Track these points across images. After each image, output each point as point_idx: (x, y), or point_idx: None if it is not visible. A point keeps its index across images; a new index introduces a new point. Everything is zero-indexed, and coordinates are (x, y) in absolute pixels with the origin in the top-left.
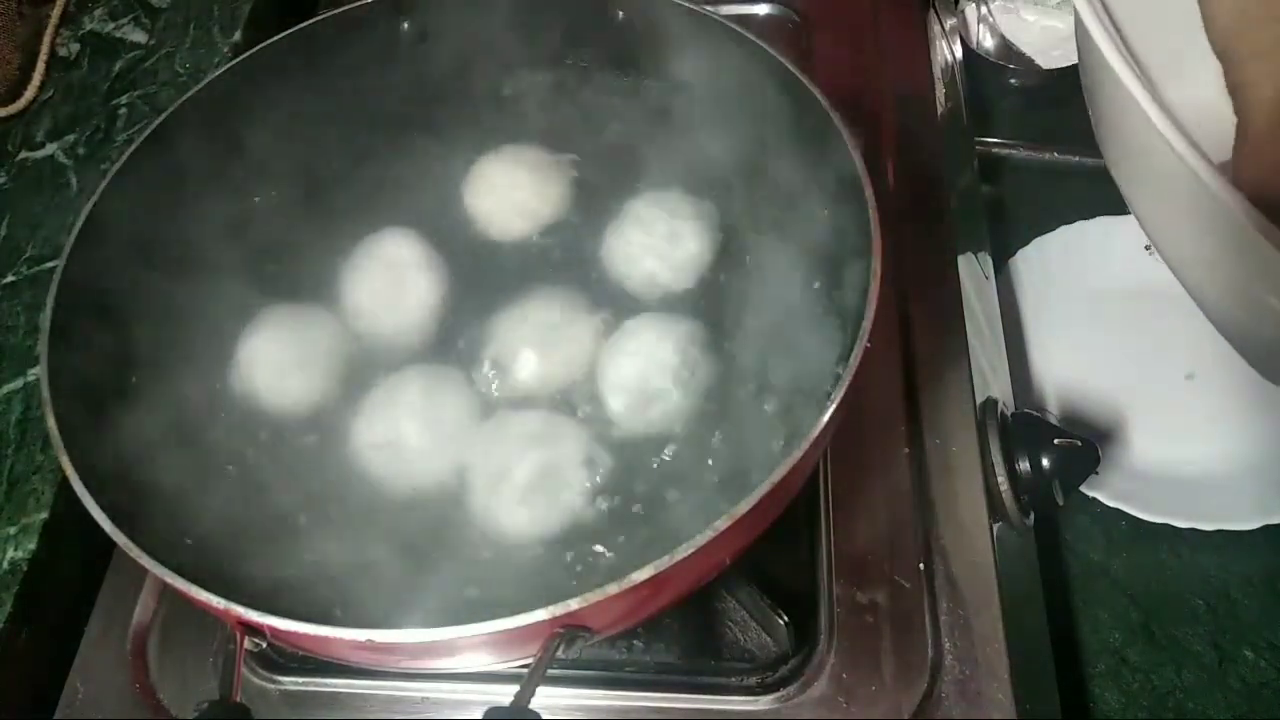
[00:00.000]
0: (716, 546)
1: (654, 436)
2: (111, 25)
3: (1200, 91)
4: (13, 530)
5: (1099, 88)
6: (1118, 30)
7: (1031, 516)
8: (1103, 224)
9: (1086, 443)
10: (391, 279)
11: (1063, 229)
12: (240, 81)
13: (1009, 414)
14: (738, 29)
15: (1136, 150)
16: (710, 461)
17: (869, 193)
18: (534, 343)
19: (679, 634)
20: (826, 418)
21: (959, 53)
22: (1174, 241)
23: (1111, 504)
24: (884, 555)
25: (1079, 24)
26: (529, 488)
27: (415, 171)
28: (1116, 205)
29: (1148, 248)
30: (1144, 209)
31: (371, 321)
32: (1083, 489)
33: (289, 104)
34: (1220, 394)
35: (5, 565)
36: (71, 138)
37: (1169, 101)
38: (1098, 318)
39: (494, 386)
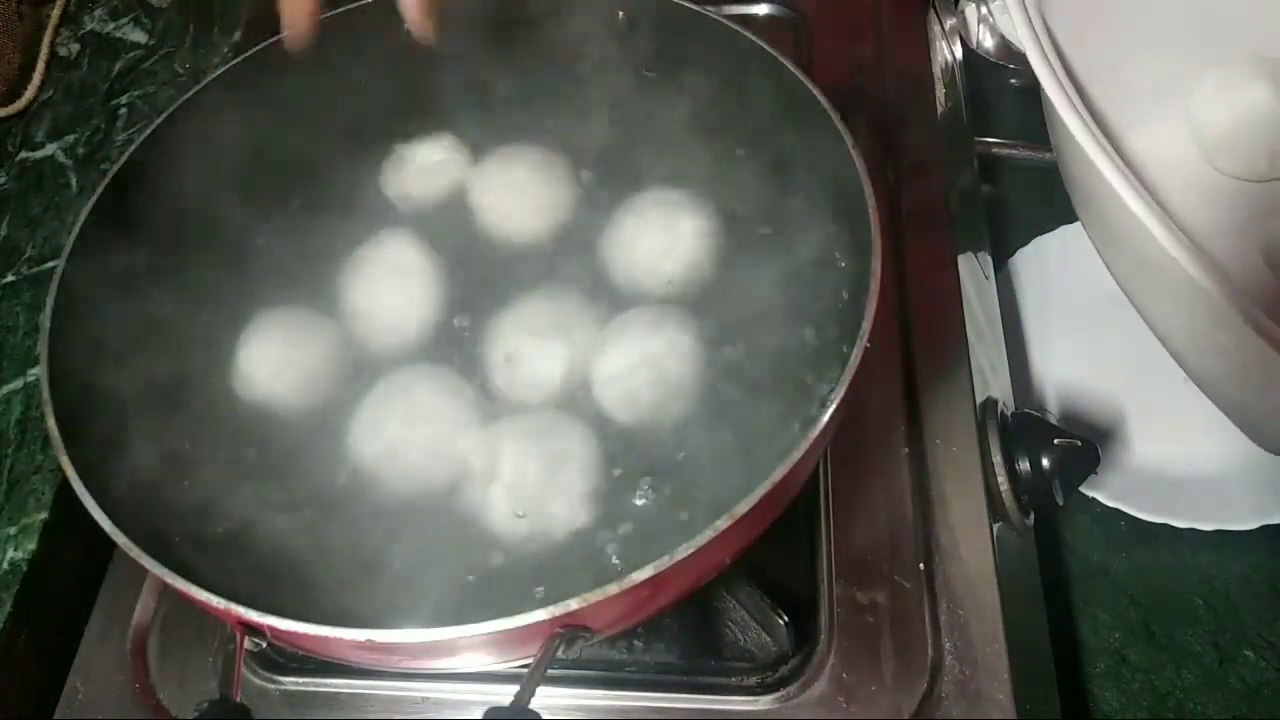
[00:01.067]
0: (716, 546)
1: (654, 435)
2: (111, 25)
3: (1165, 140)
4: (13, 530)
5: (1063, 143)
6: (1079, 89)
7: (1031, 516)
8: None
9: (1086, 442)
10: (392, 279)
11: (1062, 229)
12: (240, 82)
13: (1009, 414)
14: (738, 29)
15: (1103, 213)
16: (710, 460)
17: (869, 192)
18: (535, 342)
19: (679, 634)
20: (826, 417)
21: (959, 53)
22: (1133, 285)
23: (1110, 504)
24: (884, 555)
25: (1041, 86)
26: (529, 487)
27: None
28: None
29: None
30: (1110, 261)
31: (372, 322)
32: (1081, 489)
33: (289, 104)
34: None
35: (5, 565)
36: (71, 138)
37: (1133, 152)
38: (1096, 318)
39: (496, 386)
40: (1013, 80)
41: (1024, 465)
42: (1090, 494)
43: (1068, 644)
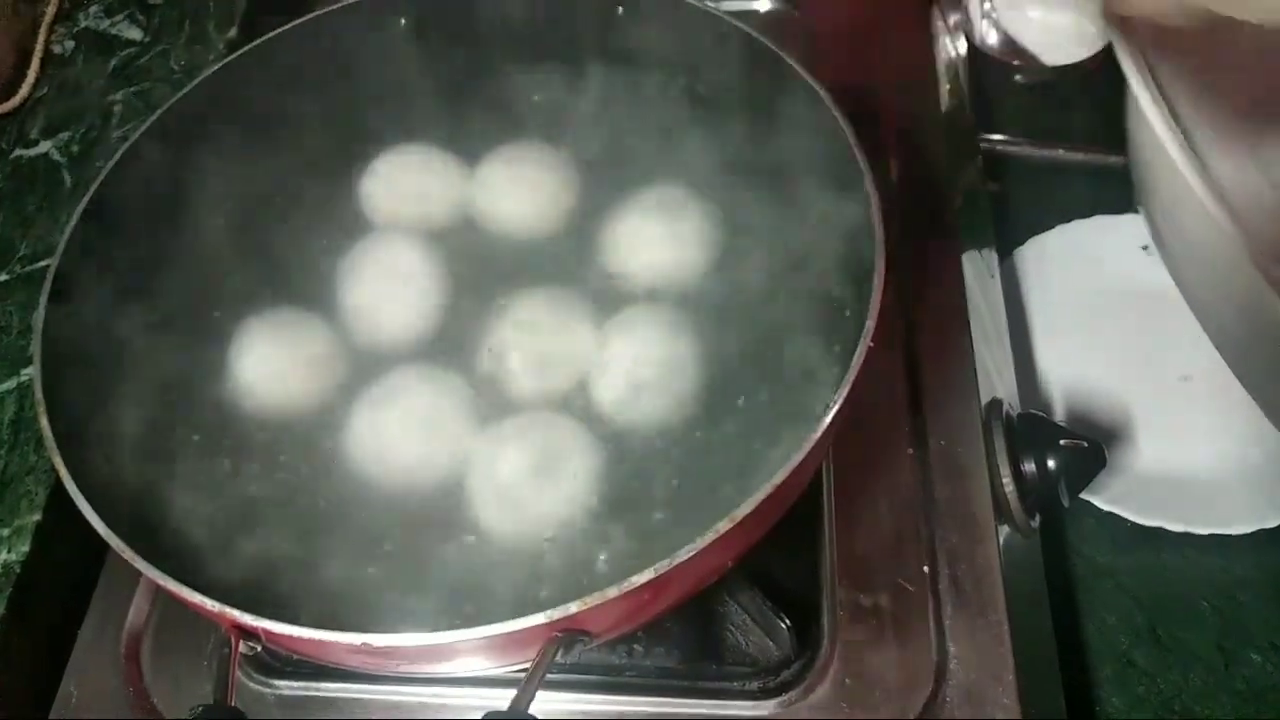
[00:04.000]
0: (717, 549)
1: (655, 436)
2: (106, 22)
3: (1241, 171)
4: (6, 532)
5: (1144, 153)
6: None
7: (1037, 518)
8: (1098, 223)
9: (1092, 443)
10: (390, 278)
11: (1059, 228)
12: (235, 78)
13: (1014, 414)
14: (739, 24)
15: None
16: (711, 462)
17: (872, 190)
18: (534, 342)
19: (680, 638)
20: (829, 418)
21: (963, 49)
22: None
23: (1106, 508)
24: (888, 558)
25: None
26: (528, 489)
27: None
28: (1120, 204)
29: (1145, 247)
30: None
31: (370, 322)
32: None
33: (285, 101)
34: (1216, 397)
35: None
36: (66, 135)
37: (1213, 173)
38: (1092, 319)
39: (494, 386)
40: (1017, 77)
41: (1029, 466)
42: (1086, 498)
43: (1073, 647)
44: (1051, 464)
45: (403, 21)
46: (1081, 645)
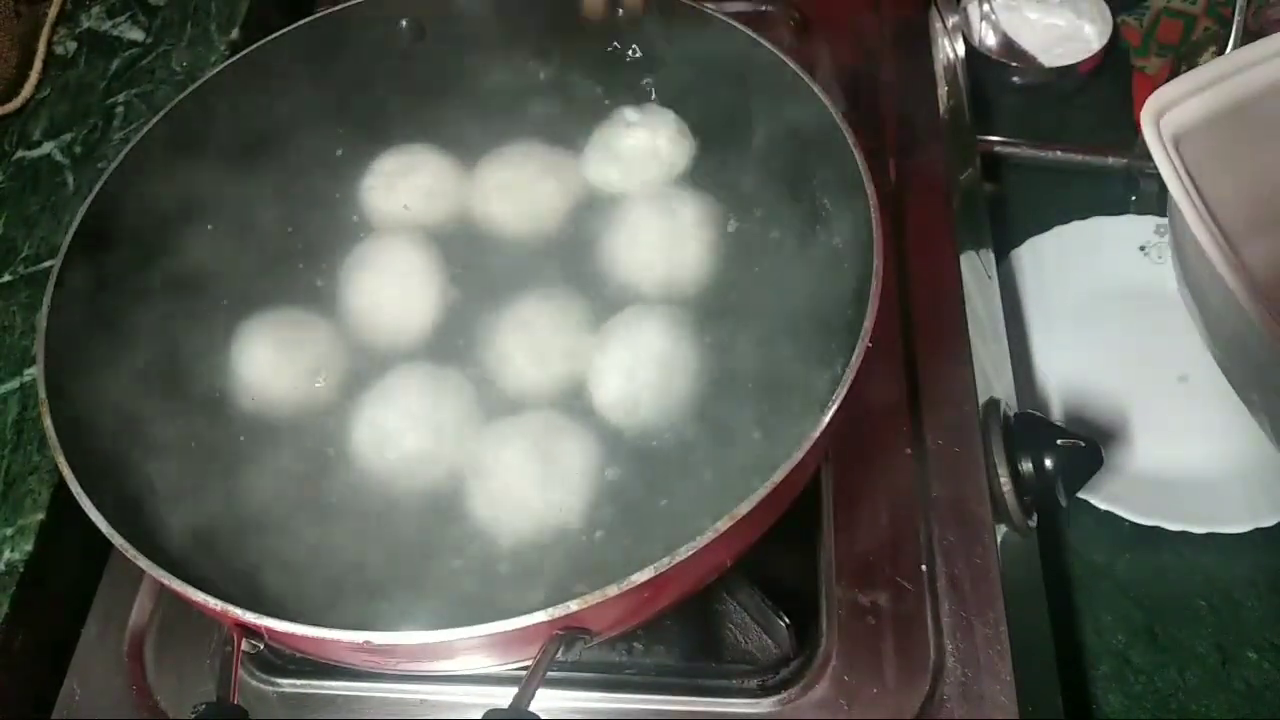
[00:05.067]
0: (717, 547)
1: (654, 435)
2: (109, 23)
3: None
4: (9, 531)
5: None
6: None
7: (1034, 517)
8: (1096, 224)
9: (1089, 443)
10: (391, 279)
11: (1057, 229)
12: (238, 80)
13: (1011, 414)
14: (739, 26)
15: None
16: (710, 460)
17: (870, 190)
18: (534, 342)
19: (679, 636)
20: (827, 418)
21: (961, 50)
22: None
23: (1103, 507)
24: (886, 556)
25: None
26: (528, 487)
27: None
28: (1116, 205)
29: (1142, 248)
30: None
31: (371, 322)
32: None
33: (287, 102)
34: (1213, 397)
35: (2, 567)
36: (68, 136)
37: (1246, 257)
38: (1090, 319)
39: (494, 386)
40: (1015, 78)
41: (1027, 466)
42: (1083, 497)
43: (1070, 645)
44: (1049, 463)
45: (403, 23)
46: (1079, 644)
